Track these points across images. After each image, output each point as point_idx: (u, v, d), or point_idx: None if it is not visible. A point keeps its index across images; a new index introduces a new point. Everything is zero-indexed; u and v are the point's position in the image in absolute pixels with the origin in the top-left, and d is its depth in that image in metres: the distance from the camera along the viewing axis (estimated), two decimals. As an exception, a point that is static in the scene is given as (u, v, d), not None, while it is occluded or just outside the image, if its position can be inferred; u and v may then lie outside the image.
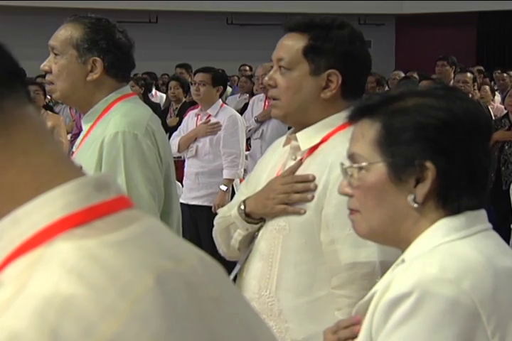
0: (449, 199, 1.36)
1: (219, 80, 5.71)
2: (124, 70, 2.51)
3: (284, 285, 2.00)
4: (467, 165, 1.35)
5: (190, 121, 5.80)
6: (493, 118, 7.35)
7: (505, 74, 11.27)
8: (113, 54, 2.45)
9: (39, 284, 0.68)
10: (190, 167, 5.68)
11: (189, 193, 5.65)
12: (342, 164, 1.45)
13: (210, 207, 5.41)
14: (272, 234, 2.03)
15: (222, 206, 5.00)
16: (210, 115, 5.66)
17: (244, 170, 5.73)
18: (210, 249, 2.25)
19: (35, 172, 0.75)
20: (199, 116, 5.73)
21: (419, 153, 1.34)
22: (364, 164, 1.39)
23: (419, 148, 1.34)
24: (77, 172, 0.78)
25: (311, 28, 2.04)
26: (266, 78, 2.11)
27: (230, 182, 5.53)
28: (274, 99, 2.10)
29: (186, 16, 19.69)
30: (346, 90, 2.04)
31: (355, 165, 1.41)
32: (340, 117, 1.98)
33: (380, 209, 1.39)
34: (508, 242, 6.18)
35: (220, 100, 5.84)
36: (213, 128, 5.59)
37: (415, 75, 9.22)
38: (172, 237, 0.80)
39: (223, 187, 5.51)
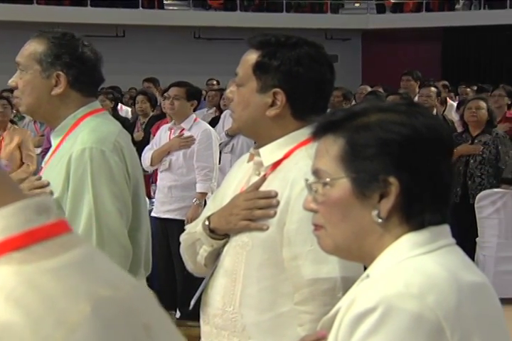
0: (413, 215, 1.36)
1: (193, 95, 5.75)
2: (90, 85, 2.50)
3: (247, 301, 2.00)
4: (430, 180, 1.36)
5: (163, 134, 5.82)
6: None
7: (468, 89, 11.41)
8: (77, 68, 2.43)
9: None
10: (163, 180, 5.70)
11: (161, 207, 5.66)
12: (306, 180, 1.46)
13: (183, 221, 5.40)
14: (235, 250, 2.03)
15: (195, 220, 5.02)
16: (183, 129, 5.69)
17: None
18: (182, 262, 2.25)
19: None
20: (172, 130, 5.75)
21: (382, 169, 1.35)
22: (328, 180, 1.39)
23: (383, 163, 1.35)
24: (18, 194, 0.76)
25: (265, 45, 2.04)
26: (227, 91, 2.14)
27: (203, 195, 5.54)
28: (232, 112, 2.14)
29: (153, 30, 19.71)
30: (295, 110, 2.03)
31: (320, 181, 1.41)
32: (302, 133, 1.99)
33: (344, 224, 1.39)
34: (473, 256, 6.25)
35: (194, 114, 5.87)
36: (187, 142, 5.61)
37: (381, 90, 9.29)
38: (108, 264, 0.79)
39: (196, 201, 5.51)
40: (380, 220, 1.35)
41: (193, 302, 2.20)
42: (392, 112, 1.40)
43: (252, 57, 2.05)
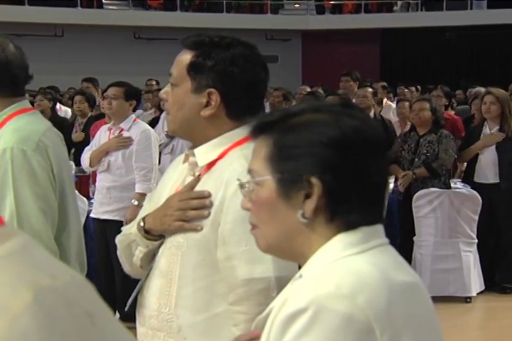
0: (338, 215, 1.36)
1: (132, 95, 5.71)
2: (4, 85, 2.44)
3: (183, 302, 1.99)
4: (356, 181, 1.36)
5: (103, 135, 5.78)
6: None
7: (407, 90, 11.57)
8: None
9: None
10: (101, 181, 5.66)
11: (100, 207, 5.62)
12: (239, 179, 1.47)
13: (121, 222, 5.36)
14: (170, 250, 2.03)
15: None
16: (122, 129, 5.65)
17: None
18: (120, 263, 2.23)
19: None
20: (112, 131, 5.72)
21: (306, 169, 1.35)
22: (257, 180, 1.40)
23: (306, 164, 1.35)
24: None
25: (199, 46, 2.04)
26: (161, 92, 2.13)
27: (141, 196, 5.50)
28: (167, 113, 2.13)
29: (93, 30, 19.52)
30: (230, 110, 2.03)
31: (250, 181, 1.42)
32: (237, 133, 2.00)
33: (273, 224, 1.40)
34: (410, 255, 6.32)
35: (134, 115, 5.83)
36: (125, 142, 5.57)
37: (320, 90, 9.35)
38: (45, 255, 0.80)
39: (135, 202, 5.47)
40: (304, 220, 1.36)
41: (128, 304, 2.19)
42: (322, 113, 1.40)
43: (186, 57, 2.05)
